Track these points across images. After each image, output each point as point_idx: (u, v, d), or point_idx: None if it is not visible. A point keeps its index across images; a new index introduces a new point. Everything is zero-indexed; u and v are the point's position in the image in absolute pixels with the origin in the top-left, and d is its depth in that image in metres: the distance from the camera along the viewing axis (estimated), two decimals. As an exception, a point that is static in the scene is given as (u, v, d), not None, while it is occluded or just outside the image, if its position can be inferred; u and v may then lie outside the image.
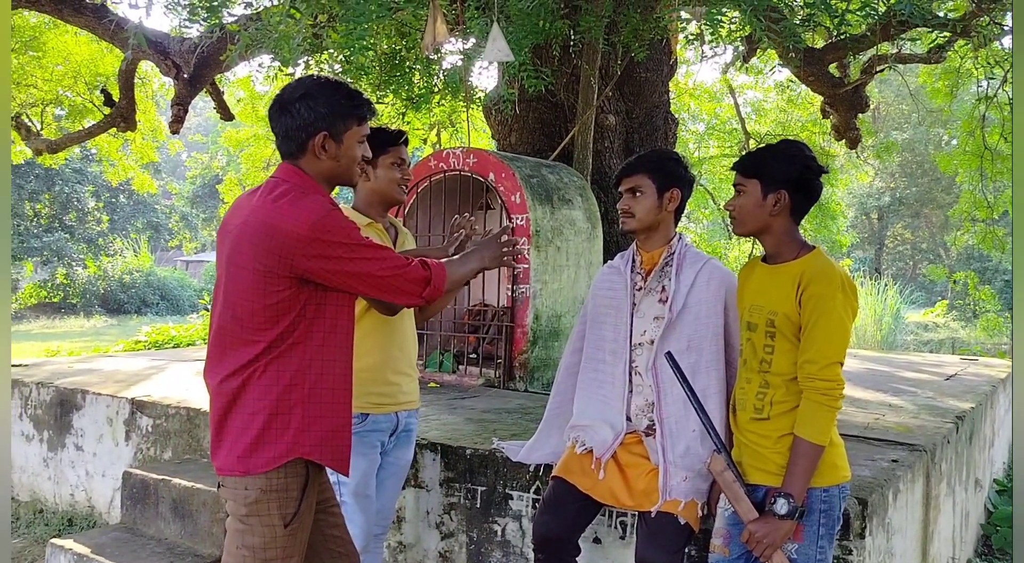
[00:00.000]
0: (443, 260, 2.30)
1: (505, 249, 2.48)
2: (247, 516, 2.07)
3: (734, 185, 2.36)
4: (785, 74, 10.39)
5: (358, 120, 2.20)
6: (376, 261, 2.10)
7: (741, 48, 8.02)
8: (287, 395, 2.07)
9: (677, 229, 2.73)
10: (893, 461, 3.07)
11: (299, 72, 5.21)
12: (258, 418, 2.06)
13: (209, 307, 14.86)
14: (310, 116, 2.13)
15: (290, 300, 2.06)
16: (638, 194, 2.62)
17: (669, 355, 2.42)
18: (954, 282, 16.90)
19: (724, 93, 13.31)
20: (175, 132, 8.29)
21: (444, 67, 6.45)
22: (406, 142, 2.84)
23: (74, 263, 27.44)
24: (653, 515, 2.46)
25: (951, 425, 3.92)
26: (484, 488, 3.15)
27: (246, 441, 2.06)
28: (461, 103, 7.61)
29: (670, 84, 7.56)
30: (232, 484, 2.08)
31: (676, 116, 7.29)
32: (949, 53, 8.52)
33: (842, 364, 2.18)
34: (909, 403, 4.66)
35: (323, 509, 2.30)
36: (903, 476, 2.93)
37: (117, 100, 8.64)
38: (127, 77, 8.41)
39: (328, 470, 2.52)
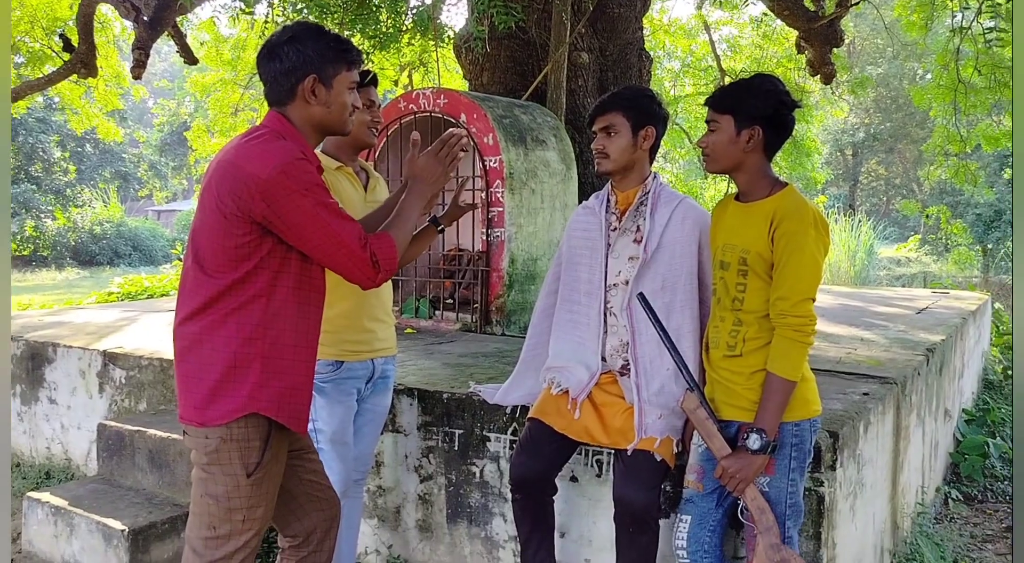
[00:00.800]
0: (383, 226, 2.20)
1: (444, 159, 2.34)
2: (208, 465, 2.05)
3: (707, 121, 2.32)
4: (760, 8, 10.26)
5: (347, 65, 2.14)
6: (334, 227, 2.01)
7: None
8: (246, 348, 2.02)
9: (652, 168, 2.70)
10: (864, 394, 3.11)
11: (260, 12, 5.05)
12: (215, 369, 2.02)
13: (181, 256, 14.72)
14: (298, 59, 2.07)
15: (251, 246, 2.00)
16: (612, 133, 2.57)
17: (641, 296, 2.42)
18: (927, 217, 17.06)
19: (699, 29, 13.13)
20: (137, 77, 8.08)
21: (412, 5, 6.29)
22: (375, 83, 2.77)
23: (43, 215, 26.97)
24: (629, 453, 2.48)
25: (921, 358, 3.98)
26: (462, 431, 3.16)
27: (203, 391, 2.03)
28: (431, 42, 7.45)
29: (644, 20, 7.43)
30: (193, 433, 2.07)
31: (650, 53, 7.18)
32: (924, -16, 8.44)
33: (814, 300, 2.19)
34: (881, 337, 4.72)
35: (299, 456, 2.29)
36: (874, 409, 2.97)
37: (76, 46, 8.38)
38: (86, 21, 8.13)
39: (311, 414, 2.53)
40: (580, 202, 4.25)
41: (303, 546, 2.34)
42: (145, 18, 7.32)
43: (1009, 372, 7.08)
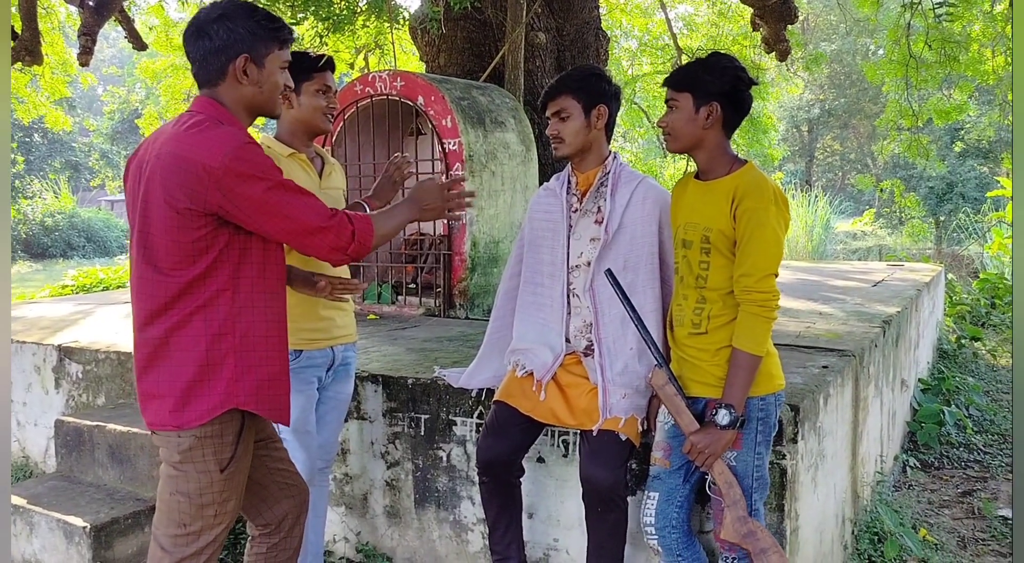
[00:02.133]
0: (372, 212, 2.17)
1: (450, 203, 2.34)
2: (181, 463, 2.01)
3: (666, 101, 2.33)
4: (716, -14, 10.29)
5: (279, 43, 2.08)
6: (296, 205, 1.97)
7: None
8: (216, 345, 1.98)
9: (611, 148, 2.70)
10: (823, 367, 3.16)
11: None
12: (187, 370, 1.97)
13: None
14: (229, 38, 2.00)
15: (207, 239, 1.94)
16: (564, 117, 2.57)
17: (609, 272, 2.43)
18: (881, 191, 17.36)
19: (655, 8, 13.15)
20: (84, 64, 7.86)
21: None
22: (332, 68, 2.72)
23: (-10, 207, 26.22)
24: (595, 433, 2.49)
25: (878, 330, 4.06)
26: (427, 416, 3.15)
27: (176, 394, 1.97)
28: (386, 24, 7.35)
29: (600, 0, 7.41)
30: (165, 435, 2.01)
31: (607, 33, 7.17)
32: (875, -40, 8.53)
33: (777, 276, 2.21)
34: (838, 310, 4.80)
35: (265, 445, 2.26)
36: (833, 381, 3.02)
37: (20, 33, 8.12)
38: (29, 7, 7.88)
39: None
40: (541, 183, 4.24)
41: (274, 533, 2.34)
42: (91, 3, 7.12)
43: (963, 341, 7.26)
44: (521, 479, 2.70)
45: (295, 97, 2.64)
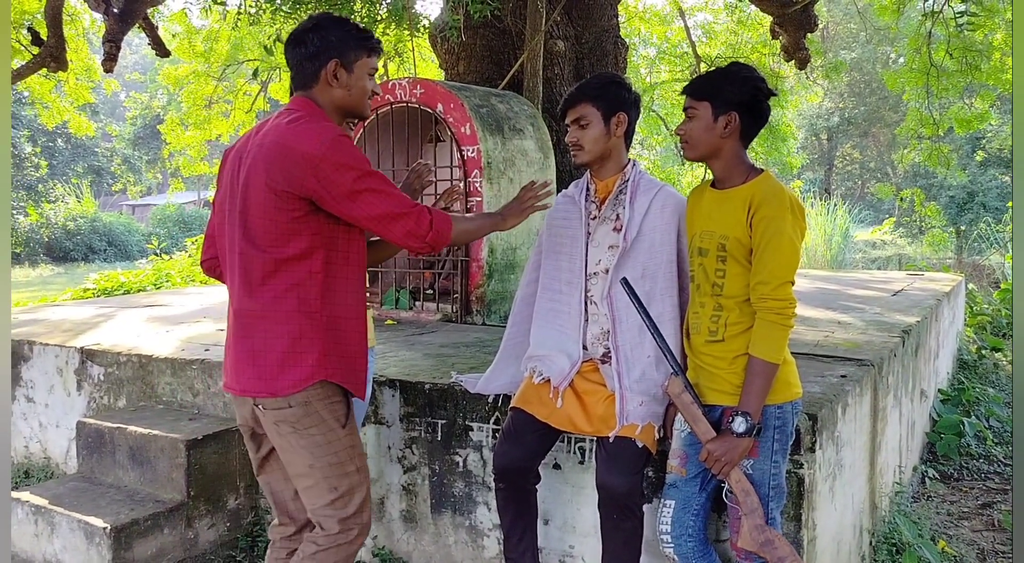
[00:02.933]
0: (436, 208, 2.34)
1: (525, 204, 2.55)
2: (304, 429, 2.19)
3: (684, 109, 2.34)
4: (735, -6, 10.28)
5: (368, 51, 2.28)
6: (383, 194, 2.16)
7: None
8: (309, 321, 2.17)
9: (630, 155, 2.70)
10: (842, 376, 3.15)
11: (232, 2, 5.00)
12: (281, 341, 2.16)
13: (159, 250, 14.57)
14: (322, 44, 2.22)
15: (301, 222, 2.14)
16: (584, 124, 2.58)
17: (624, 281, 2.43)
18: (901, 199, 17.24)
19: (674, 16, 13.15)
20: (109, 71, 7.97)
21: (386, -5, 6.25)
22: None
23: (15, 211, 26.58)
24: (611, 440, 2.50)
25: (897, 339, 4.03)
26: (444, 421, 3.17)
27: (271, 363, 2.17)
28: (406, 32, 7.40)
29: (619, 7, 7.42)
30: (269, 405, 2.19)
31: (626, 40, 7.19)
32: (896, -31, 8.50)
33: (793, 283, 2.21)
34: (857, 320, 4.78)
35: None
36: (851, 391, 3.01)
37: (45, 39, 8.25)
38: (54, 14, 8.01)
39: None
40: (558, 190, 4.25)
41: (295, 536, 2.41)
42: (115, 10, 7.21)
43: (983, 352, 7.20)
44: (537, 486, 2.71)
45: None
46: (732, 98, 2.26)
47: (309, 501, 2.27)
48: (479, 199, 4.75)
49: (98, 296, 9.76)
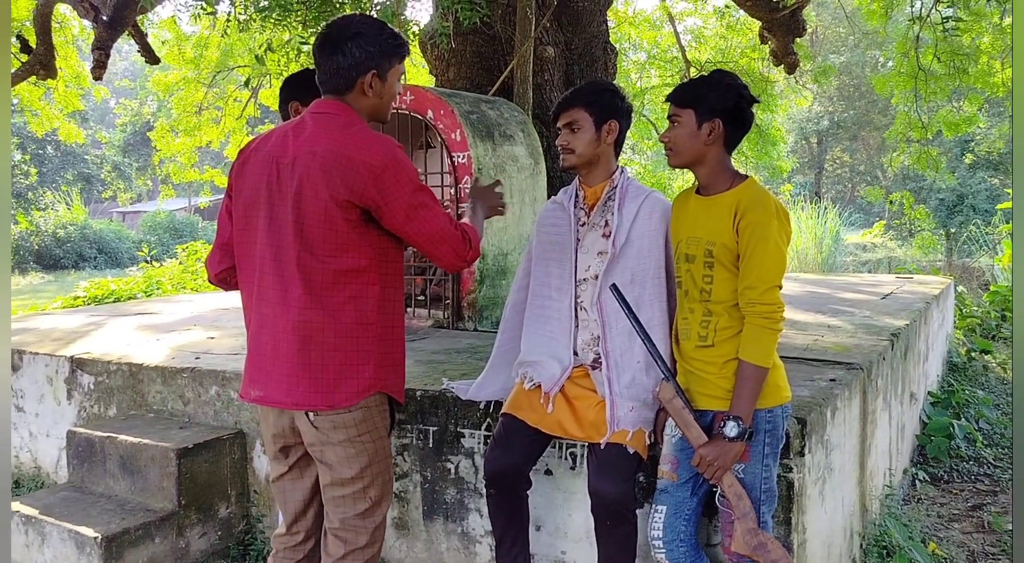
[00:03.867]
0: (464, 221, 2.40)
1: (499, 200, 2.63)
2: (359, 436, 2.22)
3: (669, 117, 2.36)
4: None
5: (400, 58, 2.29)
6: (434, 212, 2.19)
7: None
8: (367, 333, 2.19)
9: (619, 162, 2.72)
10: (831, 380, 3.17)
11: (222, 9, 4.99)
12: (338, 354, 2.17)
13: (150, 258, 14.52)
14: (362, 55, 2.19)
15: (360, 232, 2.15)
16: (576, 129, 2.59)
17: (614, 287, 2.44)
18: (891, 202, 17.33)
19: (664, 21, 13.19)
20: (98, 78, 7.95)
21: (376, 1, 6.25)
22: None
23: (4, 219, 26.42)
24: (603, 446, 2.50)
25: (886, 342, 4.05)
26: (436, 428, 3.17)
27: (329, 376, 2.17)
28: (396, 39, 7.39)
29: (609, 13, 7.45)
30: (327, 416, 2.19)
31: (616, 46, 7.21)
32: (883, -27, 8.55)
33: (781, 288, 2.22)
34: (847, 323, 4.80)
35: None
36: (840, 394, 3.03)
37: (34, 46, 8.23)
38: (43, 21, 7.99)
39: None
40: (549, 196, 4.26)
41: (299, 548, 2.42)
42: (104, 17, 7.20)
43: (973, 354, 7.24)
44: (528, 492, 2.71)
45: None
46: (715, 105, 2.28)
47: (340, 511, 2.26)
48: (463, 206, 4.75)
49: (88, 304, 9.72)
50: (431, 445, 3.18)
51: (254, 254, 2.23)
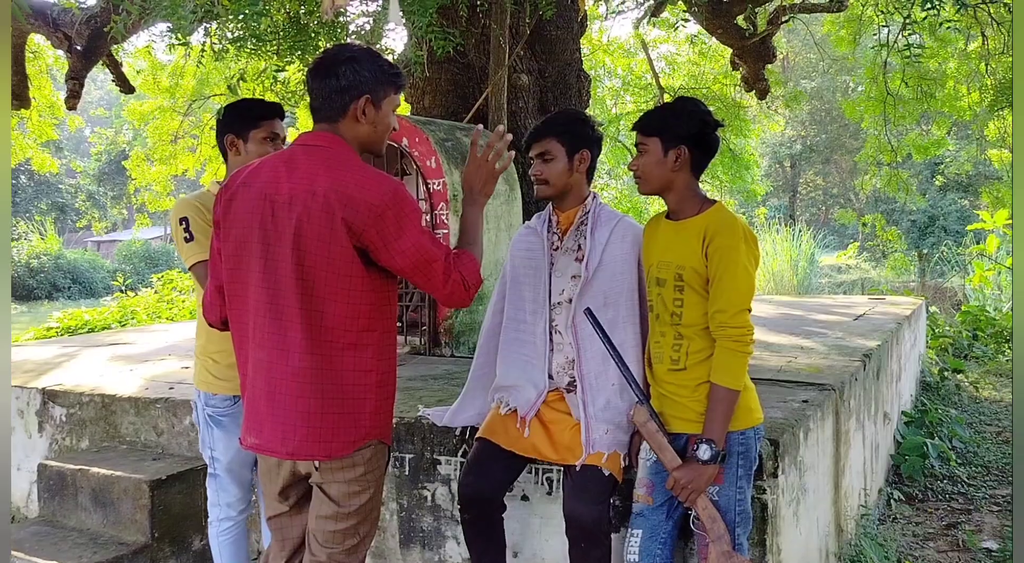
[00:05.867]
0: (457, 246, 2.28)
1: (490, 161, 2.34)
2: (364, 475, 2.16)
3: (636, 145, 2.40)
4: (696, 27, 10.50)
5: (396, 89, 2.22)
6: (433, 253, 2.10)
7: (650, 2, 8.06)
8: (363, 380, 2.12)
9: (596, 187, 2.75)
10: (804, 401, 3.20)
11: (196, 40, 5.01)
12: (334, 402, 2.09)
13: (125, 287, 14.39)
14: (355, 79, 2.12)
15: (360, 274, 2.07)
16: (548, 159, 2.63)
17: (588, 311, 2.46)
18: (863, 225, 17.55)
19: (638, 48, 13.37)
20: (72, 108, 7.92)
21: (351, 31, 6.30)
22: (280, 115, 2.76)
23: (-25, 249, 26.10)
24: (578, 469, 2.51)
25: (859, 363, 4.10)
26: (412, 455, 3.16)
27: (327, 425, 2.09)
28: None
29: (582, 41, 7.55)
30: (331, 464, 2.12)
31: (591, 73, 7.30)
32: (851, 1, 8.74)
33: (750, 311, 2.25)
34: (820, 344, 4.85)
35: None
36: (813, 415, 3.06)
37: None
38: (17, 51, 7.94)
39: (208, 443, 2.77)
40: (524, 222, 4.28)
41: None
42: (78, 47, 7.18)
43: (946, 374, 7.32)
44: (504, 515, 2.71)
45: (242, 144, 2.68)
46: (680, 132, 2.32)
47: (328, 547, 2.18)
48: (446, 231, 4.77)
49: (61, 335, 9.60)
50: (407, 473, 3.17)
51: (247, 296, 2.13)
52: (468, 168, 2.37)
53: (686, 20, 8.48)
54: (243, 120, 2.67)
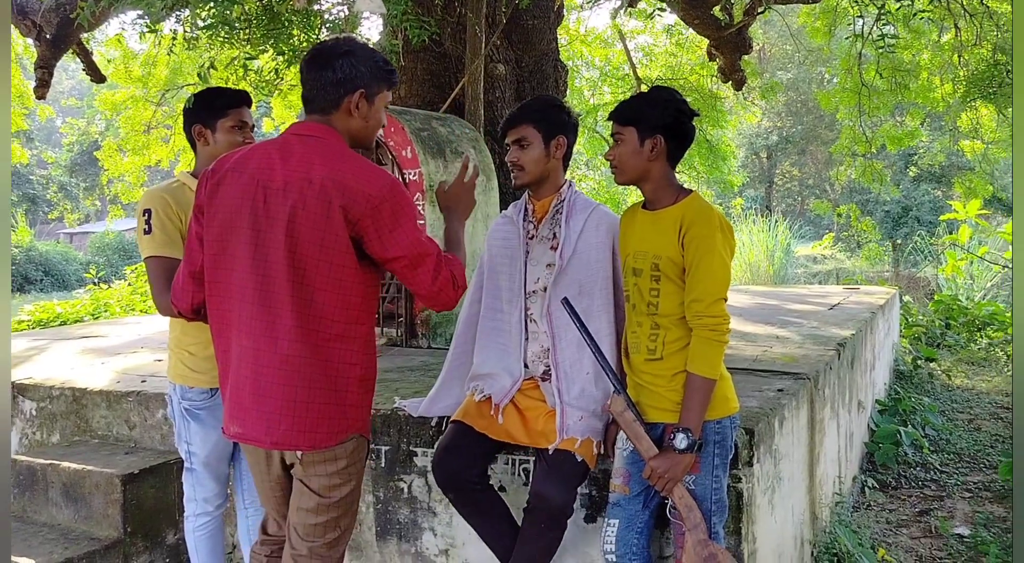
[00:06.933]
0: (446, 251, 2.29)
1: (469, 186, 2.48)
2: (348, 475, 2.16)
3: (612, 135, 2.39)
4: (673, 18, 10.50)
5: (389, 86, 2.23)
6: (427, 248, 2.11)
7: (627, -8, 8.04)
8: (347, 372, 2.11)
9: (574, 178, 2.74)
10: (779, 390, 3.22)
11: (168, 28, 4.93)
12: (324, 392, 2.08)
13: (98, 280, 14.21)
14: (352, 72, 2.13)
15: (353, 264, 2.06)
16: (524, 145, 2.61)
17: (565, 300, 2.46)
18: (839, 215, 17.68)
19: (615, 38, 13.35)
20: (41, 97, 7.81)
21: (326, 20, 6.23)
22: (248, 103, 2.73)
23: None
24: (551, 453, 2.51)
25: (833, 352, 4.13)
26: (388, 448, 3.14)
27: (313, 415, 2.08)
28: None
29: (559, 31, 7.52)
30: (313, 456, 2.11)
31: (567, 64, 7.28)
32: (826, -8, 8.78)
33: (726, 300, 2.26)
34: (795, 334, 4.88)
35: None
36: (788, 404, 3.07)
37: (-27, 64, 8.04)
38: (-18, 39, 7.81)
39: (184, 437, 2.72)
40: (501, 212, 4.26)
41: (278, 551, 2.36)
42: (48, 36, 7.06)
43: (919, 362, 7.41)
44: (491, 484, 2.68)
45: (211, 134, 2.65)
46: (656, 122, 2.31)
47: (309, 540, 2.17)
48: (422, 222, 4.74)
49: (33, 328, 9.46)
50: (383, 465, 3.15)
51: (230, 282, 2.09)
52: (454, 189, 2.47)
53: (662, 10, 8.48)
54: (210, 110, 2.64)
